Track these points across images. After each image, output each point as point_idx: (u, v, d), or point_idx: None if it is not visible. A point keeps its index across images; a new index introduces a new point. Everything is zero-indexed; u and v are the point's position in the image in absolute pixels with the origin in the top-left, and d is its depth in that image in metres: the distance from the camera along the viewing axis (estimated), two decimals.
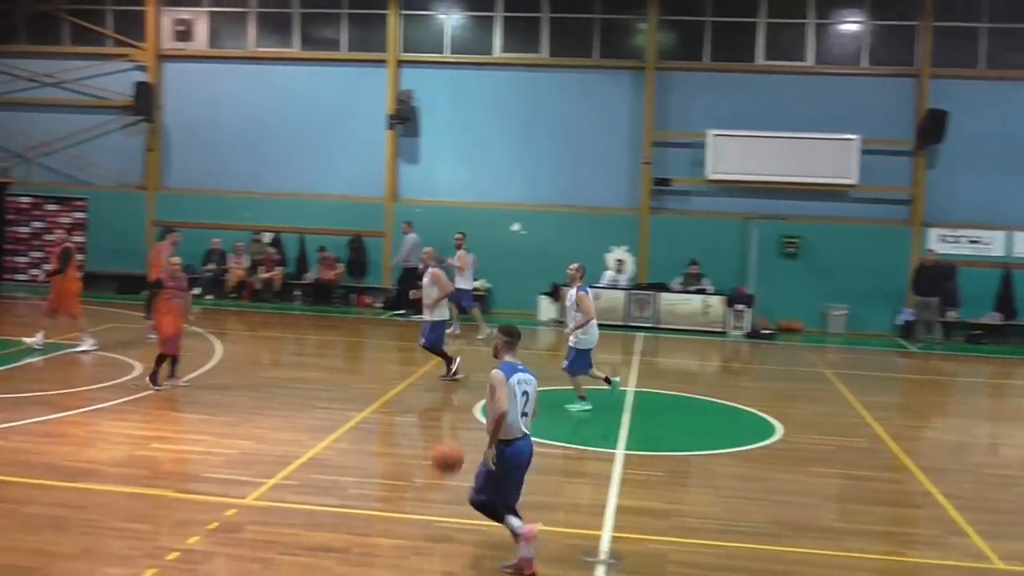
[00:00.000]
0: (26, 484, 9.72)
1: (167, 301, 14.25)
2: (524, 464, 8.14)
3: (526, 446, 8.09)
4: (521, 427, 8.03)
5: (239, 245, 24.40)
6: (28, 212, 25.92)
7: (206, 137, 25.20)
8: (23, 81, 25.93)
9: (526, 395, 8.07)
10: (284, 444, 11.56)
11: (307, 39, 24.95)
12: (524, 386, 8.06)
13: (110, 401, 13.41)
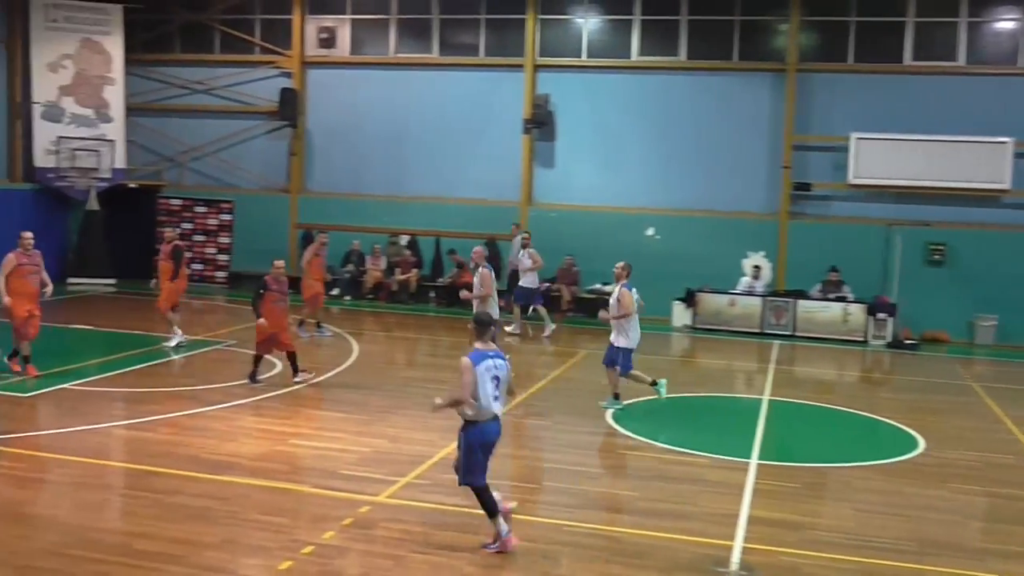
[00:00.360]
0: (172, 475, 10.11)
1: (271, 303, 14.64)
2: (490, 444, 8.49)
3: (494, 428, 8.46)
4: (492, 409, 8.38)
5: (377, 247, 24.89)
6: (178, 213, 27.00)
7: (346, 142, 25.81)
8: (176, 88, 27.05)
9: (496, 380, 8.40)
10: (417, 443, 11.73)
11: (446, 45, 25.30)
12: (494, 371, 8.40)
13: (251, 397, 13.85)
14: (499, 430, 8.57)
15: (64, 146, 25.58)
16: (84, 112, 26.12)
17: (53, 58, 25.77)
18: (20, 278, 14.30)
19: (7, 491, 9.68)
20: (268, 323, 14.52)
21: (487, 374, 8.34)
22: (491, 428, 8.45)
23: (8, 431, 11.75)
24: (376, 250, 24.84)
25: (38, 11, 25.51)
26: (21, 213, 24.87)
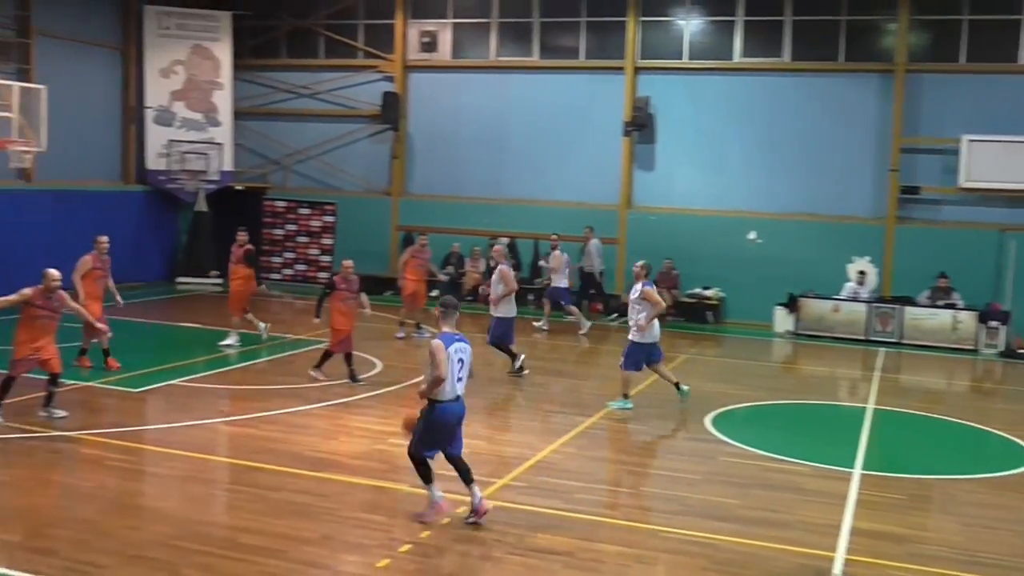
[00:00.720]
0: (274, 471, 10.32)
1: (340, 302, 14.81)
2: (452, 424, 8.99)
3: (457, 408, 8.97)
4: (456, 391, 8.90)
5: (476, 250, 25.02)
6: (283, 215, 27.57)
7: (447, 145, 26.03)
8: (282, 92, 27.63)
9: (461, 362, 8.93)
10: (514, 445, 11.76)
11: (546, 48, 25.33)
12: (460, 354, 8.91)
13: (351, 396, 14.06)
14: (462, 410, 9.06)
15: (174, 149, 26.34)
16: (194, 116, 26.86)
17: (165, 64, 26.58)
18: (92, 281, 14.83)
19: (119, 483, 10.01)
20: (338, 322, 14.71)
21: (454, 356, 8.83)
22: (454, 408, 8.96)
23: (119, 425, 12.14)
24: (475, 252, 24.98)
25: (151, 19, 26.33)
26: (133, 214, 25.74)
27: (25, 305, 11.87)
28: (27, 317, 11.92)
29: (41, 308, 11.90)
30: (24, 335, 11.93)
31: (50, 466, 10.61)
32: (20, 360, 11.89)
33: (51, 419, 11.95)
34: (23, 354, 11.88)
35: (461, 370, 8.94)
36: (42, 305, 11.90)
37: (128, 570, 7.67)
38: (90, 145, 25.00)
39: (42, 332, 11.99)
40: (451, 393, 8.87)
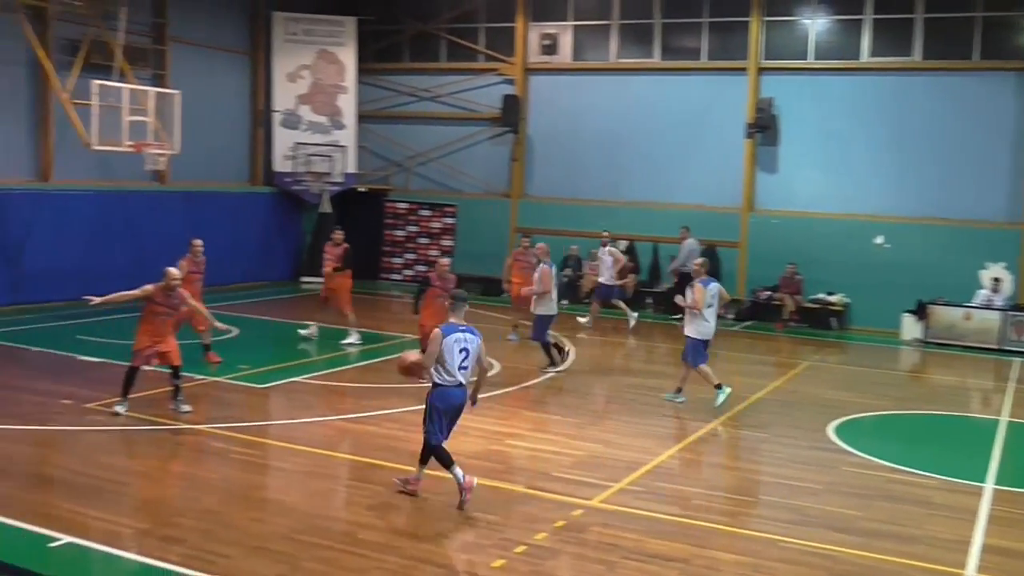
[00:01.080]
0: (393, 468, 10.45)
1: (433, 300, 14.88)
2: (451, 408, 9.45)
3: (457, 394, 9.42)
4: (457, 377, 9.34)
5: (594, 252, 24.93)
6: (404, 217, 27.99)
7: (566, 147, 26.02)
8: (404, 96, 28.05)
9: (465, 352, 9.36)
10: (631, 450, 11.67)
11: (667, 49, 25.09)
12: (463, 343, 9.36)
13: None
14: (463, 396, 9.50)
15: (300, 152, 27.00)
16: (319, 119, 27.48)
17: (292, 69, 27.26)
18: (188, 284, 15.14)
19: (243, 476, 10.28)
20: (430, 320, 14.73)
21: (455, 345, 9.32)
22: (454, 393, 9.40)
23: (244, 419, 12.49)
24: (593, 255, 24.89)
25: (279, 25, 27.04)
26: (260, 215, 26.45)
27: (146, 301, 12.34)
28: (148, 313, 12.38)
29: (161, 305, 12.34)
30: (144, 329, 12.39)
31: (179, 458, 10.97)
32: (139, 351, 12.32)
33: (178, 412, 12.36)
34: (142, 346, 12.32)
35: (465, 360, 9.36)
36: (161, 302, 12.34)
37: (250, 561, 7.87)
38: (220, 148, 25.81)
39: (161, 327, 12.41)
40: (450, 378, 9.35)
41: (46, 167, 21.30)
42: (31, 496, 9.32)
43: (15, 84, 20.73)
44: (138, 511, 9.08)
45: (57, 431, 11.57)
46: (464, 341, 9.37)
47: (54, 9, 20.63)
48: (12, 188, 20.33)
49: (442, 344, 9.28)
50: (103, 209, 21.92)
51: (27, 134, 21.09)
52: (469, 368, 9.47)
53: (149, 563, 7.78)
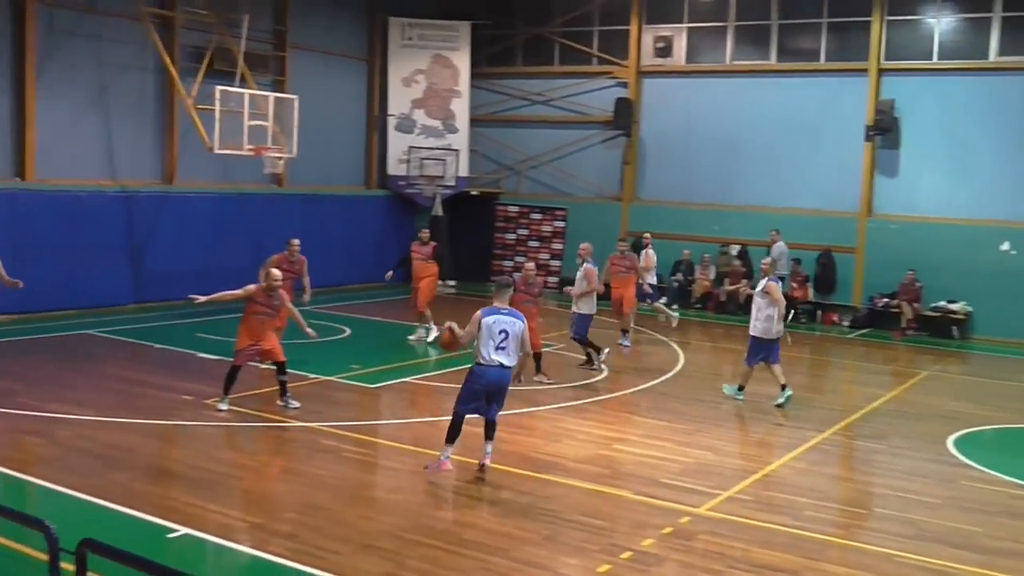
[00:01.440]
0: (499, 470, 10.49)
1: (519, 304, 14.69)
2: (485, 385, 9.95)
3: (493, 373, 9.93)
4: (495, 358, 9.86)
5: (706, 257, 24.67)
6: (515, 220, 28.12)
7: (679, 150, 25.78)
8: (516, 100, 28.18)
9: (504, 333, 9.87)
10: (740, 458, 11.49)
11: (784, 50, 24.64)
12: (501, 325, 9.90)
13: (577, 400, 14.14)
14: (499, 376, 9.98)
15: (414, 155, 27.36)
16: (433, 123, 27.82)
17: (407, 73, 27.66)
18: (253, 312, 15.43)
19: (353, 474, 10.46)
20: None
21: (495, 327, 9.89)
22: (490, 372, 9.93)
23: (355, 418, 12.71)
24: (705, 259, 24.62)
25: (396, 30, 27.47)
26: (374, 218, 26.87)
27: (248, 301, 12.66)
28: (249, 313, 12.69)
29: (262, 305, 12.63)
30: (246, 329, 12.70)
31: (291, 454, 11.21)
32: (241, 351, 12.64)
33: (287, 409, 12.65)
34: (244, 345, 12.63)
35: (504, 341, 9.88)
36: (263, 302, 12.63)
37: (359, 558, 7.99)
38: (336, 151, 26.34)
39: (262, 327, 12.69)
40: (487, 358, 9.87)
41: (171, 170, 22.06)
42: (151, 488, 9.64)
43: (143, 90, 21.52)
44: (251, 505, 9.31)
45: (176, 425, 11.96)
46: (503, 323, 9.91)
47: (181, 18, 21.35)
48: (139, 190, 21.10)
49: (481, 325, 9.88)
50: (223, 211, 22.59)
51: (153, 138, 21.87)
52: (508, 349, 9.93)
53: (261, 556, 7.97)
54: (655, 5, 26.08)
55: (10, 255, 18.39)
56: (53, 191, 19.49)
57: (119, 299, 20.67)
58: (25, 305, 18.69)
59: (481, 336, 9.93)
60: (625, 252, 19.01)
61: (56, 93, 19.81)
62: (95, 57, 20.51)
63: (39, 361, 15.17)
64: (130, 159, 21.37)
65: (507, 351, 9.96)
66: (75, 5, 20.03)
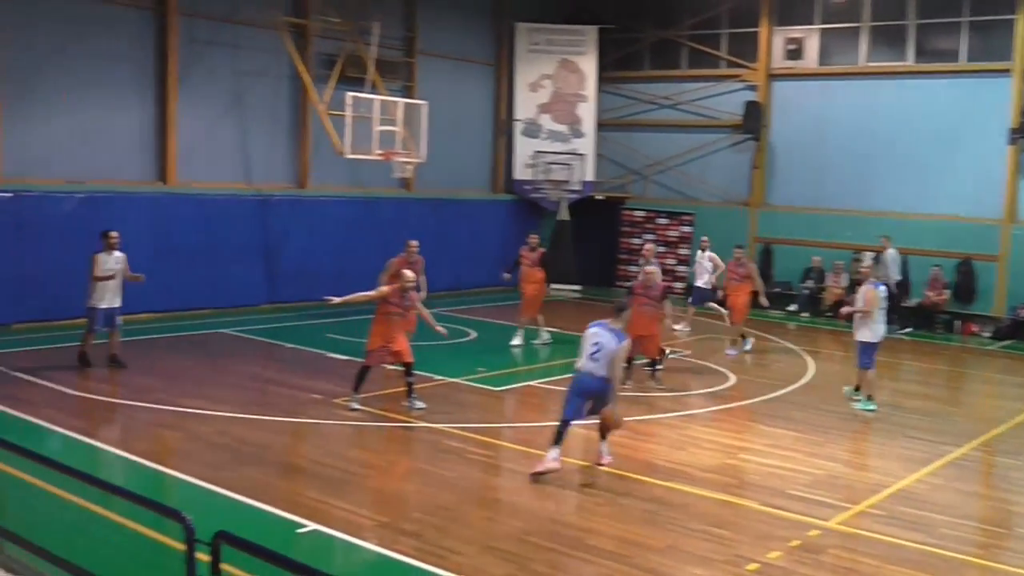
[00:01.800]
0: (625, 477, 10.43)
1: (639, 308, 14.64)
2: (577, 389, 10.53)
3: (584, 379, 10.48)
4: (584, 364, 10.47)
5: (838, 264, 24.04)
6: (641, 225, 27.92)
7: (810, 155, 25.20)
8: (643, 104, 27.99)
9: (597, 345, 10.44)
10: (872, 471, 11.16)
11: (922, 51, 23.83)
12: (596, 337, 10.50)
13: (704, 408, 13.95)
14: (590, 383, 10.42)
15: (540, 160, 27.44)
16: (559, 128, 27.86)
17: (534, 78, 27.77)
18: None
19: (478, 476, 10.53)
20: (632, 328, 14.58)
21: (592, 338, 10.51)
22: (580, 378, 10.54)
23: (480, 420, 12.80)
24: (837, 267, 24.00)
25: (523, 35, 27.61)
26: (500, 222, 27.03)
27: (381, 302, 12.90)
28: (382, 313, 12.92)
29: (395, 306, 12.87)
30: (378, 329, 12.93)
31: (418, 455, 11.36)
32: (373, 352, 12.87)
33: (412, 410, 12.83)
34: (376, 346, 12.86)
35: (596, 352, 10.38)
36: (396, 303, 12.87)
37: (481, 559, 8.03)
38: (463, 156, 26.61)
39: (393, 328, 12.89)
40: (580, 364, 10.55)
41: (303, 174, 22.63)
42: (283, 483, 9.90)
43: (277, 97, 22.14)
44: (378, 503, 9.46)
45: (307, 423, 12.24)
46: (598, 336, 10.48)
47: (314, 26, 21.90)
48: (273, 194, 21.71)
49: (586, 332, 10.63)
50: (353, 214, 23.06)
51: (287, 143, 22.48)
52: (600, 361, 10.36)
53: (386, 554, 8.09)
54: (786, 6, 25.57)
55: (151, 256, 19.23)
56: (192, 194, 20.21)
57: (253, 299, 21.31)
58: (165, 304, 19.46)
59: (581, 344, 10.58)
60: (742, 259, 18.71)
61: (195, 100, 20.53)
62: (232, 65, 21.20)
63: (177, 359, 15.75)
64: (265, 164, 22.01)
65: (599, 362, 10.36)
66: (214, 15, 20.73)
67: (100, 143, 19.14)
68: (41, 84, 18.22)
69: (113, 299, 14.55)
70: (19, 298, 17.29)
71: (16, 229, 17.45)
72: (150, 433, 11.62)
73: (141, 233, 19.07)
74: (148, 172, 19.98)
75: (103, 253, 14.41)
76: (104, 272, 14.31)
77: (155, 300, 19.37)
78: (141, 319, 18.91)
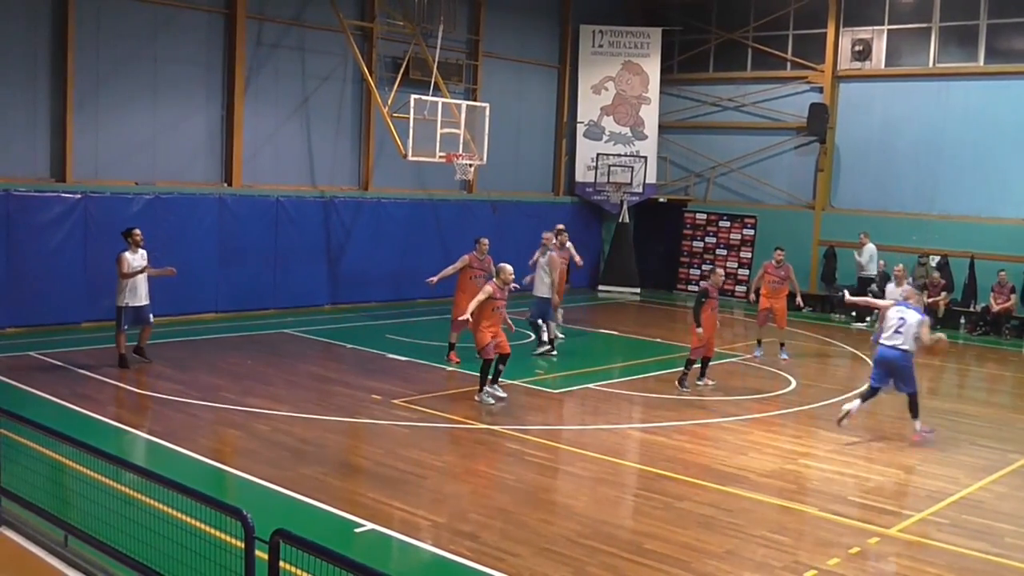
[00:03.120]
0: (682, 481, 10.38)
1: (710, 311, 14.94)
2: (881, 361, 12.45)
3: (887, 352, 12.36)
4: (887, 339, 12.37)
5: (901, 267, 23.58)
6: (703, 228, 27.73)
7: (875, 157, 24.83)
8: (707, 106, 27.81)
9: (902, 320, 12.27)
10: (936, 478, 10.96)
11: (993, 51, 23.32)
12: (900, 314, 12.39)
13: (764, 412, 13.82)
14: (892, 355, 12.28)
15: (602, 162, 27.39)
16: (621, 130, 27.78)
17: (596, 80, 27.74)
18: (468, 279, 15.76)
19: (534, 478, 10.54)
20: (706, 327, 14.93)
21: (895, 315, 12.40)
22: (882, 351, 12.42)
23: (538, 423, 12.81)
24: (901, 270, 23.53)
25: (586, 38, 27.59)
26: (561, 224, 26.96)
27: (487, 300, 13.44)
28: (489, 309, 13.46)
29: (500, 300, 13.53)
30: (485, 325, 13.47)
31: (475, 456, 11.40)
32: (487, 346, 13.42)
33: (495, 396, 13.50)
34: (487, 341, 13.42)
35: (901, 326, 12.19)
36: (500, 297, 13.53)
37: (538, 561, 8.04)
38: (525, 158, 26.66)
39: (497, 322, 13.60)
40: (884, 337, 12.39)
41: (366, 176, 22.84)
42: (341, 483, 10.00)
43: (342, 99, 22.37)
44: (435, 504, 9.51)
45: (366, 423, 12.36)
46: (903, 313, 12.32)
47: (379, 29, 22.09)
48: (336, 195, 21.94)
49: (887, 312, 12.62)
50: (415, 216, 23.22)
51: (351, 145, 22.71)
52: (904, 336, 12.16)
53: (443, 555, 8.14)
54: (853, 7, 25.22)
55: (216, 256, 19.58)
56: (257, 196, 20.50)
57: (316, 300, 21.56)
58: (229, 304, 19.78)
59: (884, 321, 12.65)
60: (782, 262, 18.22)
61: (261, 103, 20.83)
62: (298, 68, 21.47)
63: (241, 358, 15.98)
64: (329, 166, 22.25)
65: (903, 335, 12.18)
66: (282, 19, 21.02)
67: (168, 145, 19.50)
68: (111, 87, 18.61)
69: (143, 296, 14.74)
70: (89, 297, 17.67)
71: (85, 230, 17.85)
72: (213, 432, 11.81)
73: (206, 234, 19.45)
74: (213, 174, 20.31)
75: (128, 252, 14.60)
76: (132, 269, 14.53)
77: (220, 300, 19.73)
78: (206, 319, 19.25)
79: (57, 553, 7.50)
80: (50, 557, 7.49)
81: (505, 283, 13.60)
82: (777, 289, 18.01)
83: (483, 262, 15.96)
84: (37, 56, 17.68)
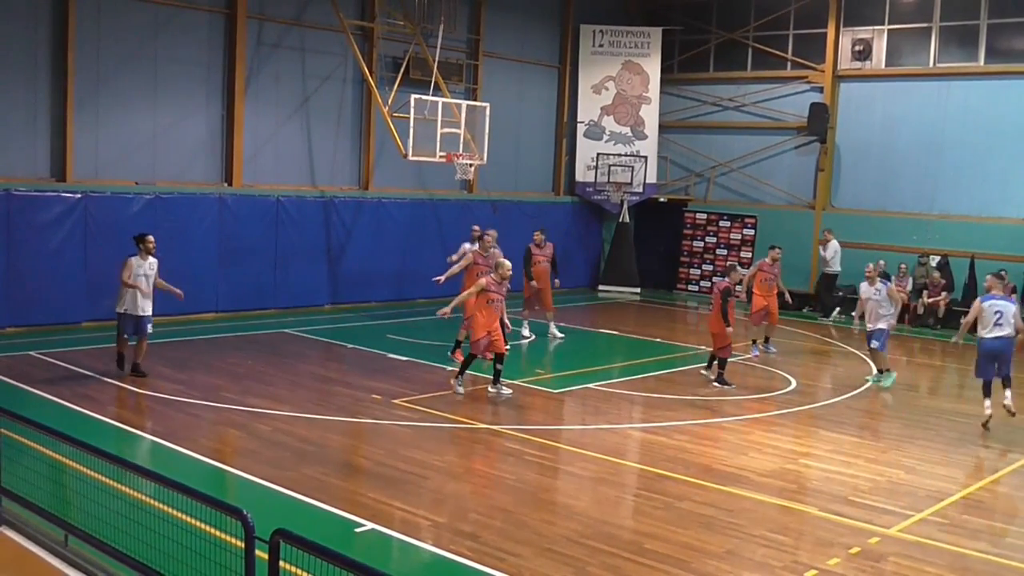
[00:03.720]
0: (683, 481, 10.38)
1: (733, 310, 15.44)
2: (986, 352, 13.16)
3: (988, 342, 13.11)
4: (990, 332, 13.07)
5: (903, 267, 23.65)
6: (703, 228, 27.73)
7: (876, 157, 24.84)
8: (708, 105, 27.81)
9: (999, 313, 13.02)
10: (936, 478, 10.96)
11: (994, 51, 23.33)
12: (996, 307, 13.08)
13: (765, 412, 13.82)
14: (997, 344, 13.05)
15: (602, 162, 27.38)
16: (621, 130, 27.78)
17: (597, 80, 27.74)
18: (475, 275, 15.64)
19: (535, 478, 10.54)
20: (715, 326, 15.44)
21: (991, 309, 13.06)
22: (986, 342, 13.11)
23: (538, 423, 12.81)
24: (902, 270, 23.61)
25: (587, 37, 27.59)
26: (561, 224, 27.02)
27: (482, 292, 13.54)
28: (483, 302, 13.52)
29: (495, 293, 13.58)
30: (482, 319, 13.49)
31: (475, 456, 11.41)
32: (479, 341, 13.46)
33: (499, 395, 13.56)
34: (481, 335, 13.45)
35: (1000, 319, 13.00)
36: (496, 291, 13.58)
37: (539, 561, 8.04)
38: (525, 158, 26.66)
39: (493, 317, 13.58)
40: (986, 332, 13.08)
41: (367, 176, 22.84)
42: (341, 483, 10.01)
43: (342, 99, 22.37)
44: (436, 504, 9.51)
45: (366, 423, 12.36)
46: (997, 306, 13.06)
47: (380, 29, 22.09)
48: (336, 195, 21.94)
49: (981, 309, 13.15)
50: (415, 216, 23.22)
51: (351, 145, 22.70)
52: (1004, 325, 12.98)
53: (443, 555, 8.14)
54: (853, 7, 25.22)
55: (217, 256, 19.58)
56: (258, 196, 20.50)
57: (316, 300, 21.56)
58: (229, 304, 19.78)
59: (982, 316, 13.17)
60: (777, 260, 18.43)
61: (262, 102, 20.83)
62: (298, 68, 21.46)
63: (241, 358, 15.98)
64: (329, 165, 22.25)
65: (1002, 326, 12.97)
66: (282, 19, 21.02)
67: (168, 145, 19.50)
68: (111, 86, 18.61)
69: (144, 305, 13.98)
70: (89, 297, 17.67)
71: (85, 230, 17.85)
72: (214, 432, 11.82)
73: (206, 234, 19.44)
74: (214, 173, 20.31)
75: (137, 257, 13.96)
76: (134, 279, 13.83)
77: (220, 300, 19.74)
78: (207, 319, 19.26)
79: (57, 553, 7.50)
80: (50, 557, 7.50)
81: (503, 278, 13.67)
82: (771, 287, 18.23)
83: (488, 258, 15.90)
84: (37, 56, 17.68)
